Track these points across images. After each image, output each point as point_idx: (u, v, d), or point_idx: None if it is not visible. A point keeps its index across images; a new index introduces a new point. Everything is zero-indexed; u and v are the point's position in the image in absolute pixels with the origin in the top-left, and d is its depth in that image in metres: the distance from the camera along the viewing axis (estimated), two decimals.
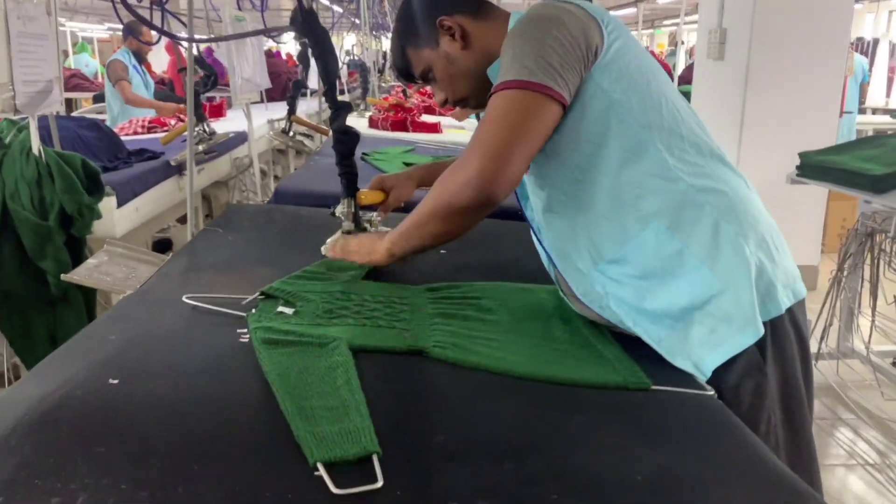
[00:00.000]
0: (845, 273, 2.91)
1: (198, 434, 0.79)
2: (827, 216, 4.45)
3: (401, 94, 5.95)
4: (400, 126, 4.14)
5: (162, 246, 4.44)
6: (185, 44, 2.83)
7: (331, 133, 1.49)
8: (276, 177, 5.45)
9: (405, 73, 1.31)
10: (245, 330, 1.08)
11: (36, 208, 1.64)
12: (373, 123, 4.26)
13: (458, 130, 4.36)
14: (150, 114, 4.61)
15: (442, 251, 1.62)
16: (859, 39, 13.70)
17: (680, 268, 1.06)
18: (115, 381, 0.89)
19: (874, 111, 7.25)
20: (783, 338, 1.07)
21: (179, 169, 2.82)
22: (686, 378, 1.03)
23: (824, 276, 3.63)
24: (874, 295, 2.83)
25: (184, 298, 1.16)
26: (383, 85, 7.82)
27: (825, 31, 3.83)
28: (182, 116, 4.37)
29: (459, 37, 1.22)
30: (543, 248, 1.22)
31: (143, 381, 0.90)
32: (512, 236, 1.72)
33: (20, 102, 1.50)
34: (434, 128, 4.26)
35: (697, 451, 0.83)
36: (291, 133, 3.16)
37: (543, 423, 0.88)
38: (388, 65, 10.67)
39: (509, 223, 1.86)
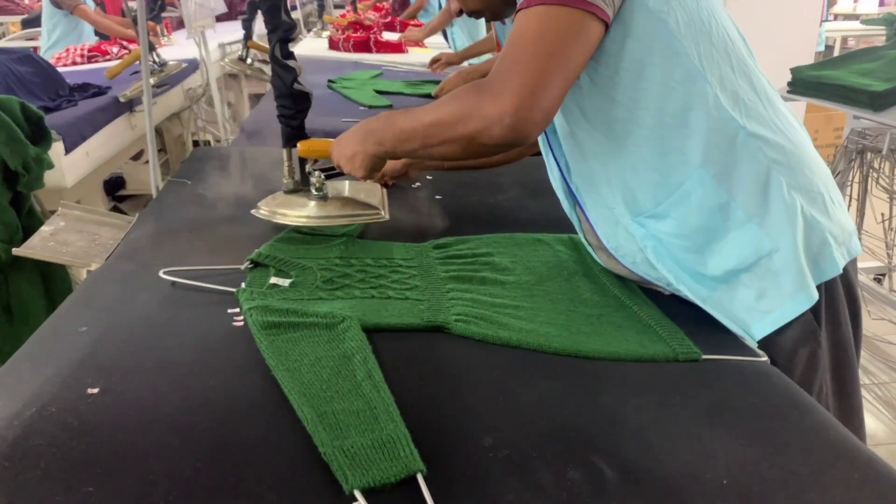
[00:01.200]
0: None
1: (204, 458, 0.66)
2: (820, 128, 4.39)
3: (350, 8, 5.61)
4: (363, 47, 3.90)
5: (115, 185, 4.19)
6: None
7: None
8: (228, 103, 5.15)
9: None
10: (237, 310, 0.95)
11: None
12: (333, 45, 4.01)
13: (421, 50, 4.14)
14: (87, 41, 4.26)
15: (437, 196, 1.49)
16: None
17: (725, 223, 0.94)
18: (95, 391, 0.76)
19: (836, 17, 7.13)
20: (837, 301, 0.98)
21: (130, 106, 2.57)
22: (733, 341, 0.94)
23: None
24: (861, 213, 2.79)
25: (160, 273, 1.02)
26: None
27: None
28: (124, 43, 4.03)
29: None
30: (571, 191, 1.08)
31: (126, 388, 0.77)
32: (511, 174, 1.58)
33: None
34: (398, 47, 4.02)
35: (774, 438, 0.74)
36: (249, 60, 2.92)
37: (595, 410, 0.78)
38: None
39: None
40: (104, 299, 0.98)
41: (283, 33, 1.15)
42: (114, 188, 4.14)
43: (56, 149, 1.90)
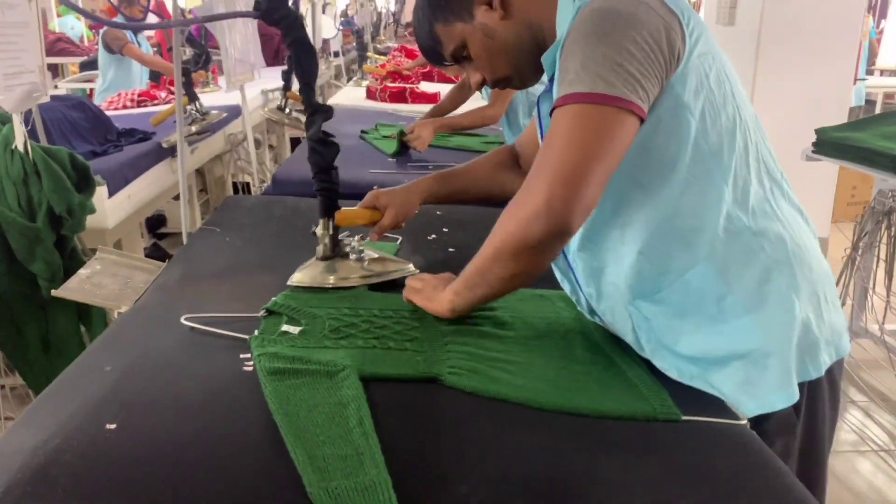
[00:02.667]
0: (860, 252, 2.86)
1: (208, 491, 0.74)
2: (837, 185, 4.38)
3: (398, 61, 5.81)
4: (399, 97, 4.04)
5: (157, 222, 4.38)
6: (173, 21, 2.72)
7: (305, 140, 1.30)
8: (270, 146, 5.36)
9: (434, 53, 1.17)
10: (249, 355, 1.03)
11: (23, 208, 1.57)
12: (370, 94, 4.16)
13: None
14: (139, 86, 4.52)
15: (451, 249, 1.57)
16: None
17: (721, 314, 0.98)
18: (113, 426, 0.84)
19: (882, 72, 7.10)
20: (818, 399, 1.02)
21: (172, 151, 2.74)
22: (715, 404, 0.99)
23: (833, 247, 3.58)
24: (889, 274, 2.79)
25: (182, 320, 1.11)
26: (378, 46, 7.66)
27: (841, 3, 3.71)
28: (172, 88, 4.26)
29: (499, 4, 1.08)
30: (567, 262, 1.14)
31: (142, 424, 0.86)
32: None
33: (2, 100, 1.42)
34: (434, 99, 4.15)
35: (745, 500, 0.78)
36: (287, 110, 3.07)
37: (571, 463, 0.83)
38: (383, 25, 10.45)
39: None
40: (129, 341, 1.07)
41: (322, 115, 1.27)
42: (156, 225, 4.34)
43: (100, 192, 2.04)
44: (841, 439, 2.59)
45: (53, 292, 1.27)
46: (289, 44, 1.20)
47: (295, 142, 5.48)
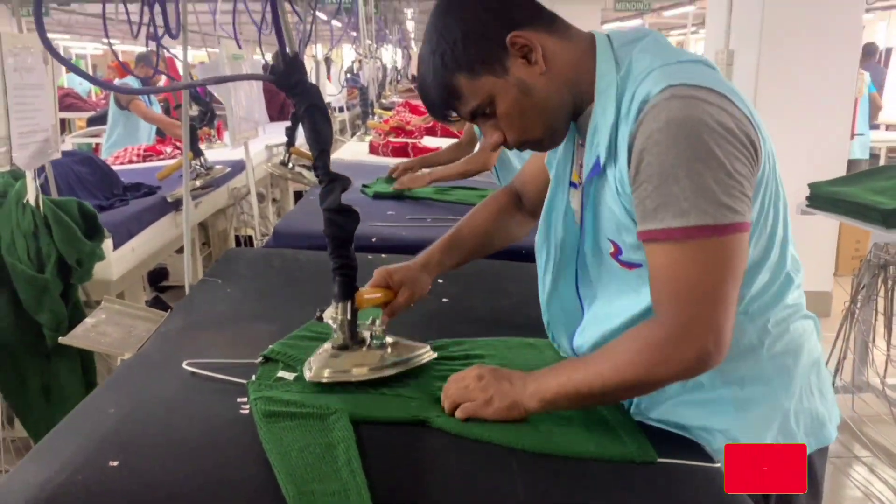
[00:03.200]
0: (858, 305, 2.93)
1: None
2: (840, 238, 4.47)
3: (402, 116, 5.99)
4: (401, 152, 4.16)
5: (158, 276, 4.48)
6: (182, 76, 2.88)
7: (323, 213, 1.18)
8: (274, 199, 5.50)
9: (443, 107, 1.06)
10: (245, 399, 1.10)
11: (32, 260, 1.67)
12: (373, 149, 4.29)
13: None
14: (146, 141, 4.69)
15: (444, 299, 1.65)
16: (870, 45, 13.81)
17: (713, 403, 1.06)
18: (115, 464, 0.91)
19: (887, 127, 7.25)
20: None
21: (176, 205, 2.85)
22: (691, 447, 1.05)
23: (837, 301, 3.64)
24: (888, 328, 2.85)
25: (183, 365, 1.19)
26: (384, 101, 7.88)
27: (834, 54, 3.87)
28: (178, 144, 4.42)
29: (540, 58, 1.01)
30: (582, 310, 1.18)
31: (143, 462, 0.93)
32: (517, 278, 1.73)
33: (17, 157, 1.53)
34: None
35: None
36: (290, 164, 3.20)
37: (552, 502, 0.90)
38: (389, 80, 10.75)
39: (513, 264, 1.88)
40: (132, 385, 1.15)
41: (339, 185, 1.17)
42: (157, 278, 4.43)
43: (105, 245, 2.14)
44: (846, 496, 2.60)
45: (61, 339, 1.35)
46: (303, 110, 1.15)
47: (298, 195, 5.62)
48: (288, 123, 3.20)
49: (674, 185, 0.90)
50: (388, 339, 1.23)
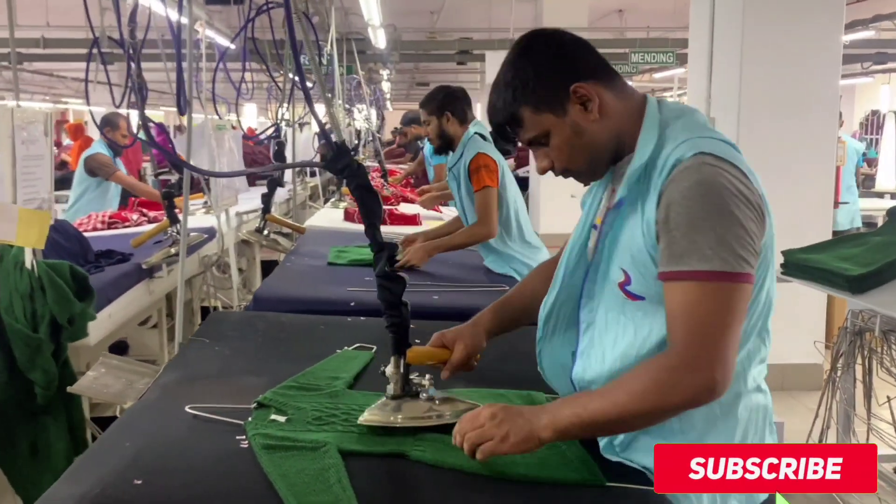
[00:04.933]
0: (838, 373, 3.25)
1: None
2: (832, 309, 4.83)
3: (379, 181, 6.37)
4: None
5: (117, 349, 4.71)
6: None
7: (374, 276, 1.46)
8: (241, 269, 5.79)
9: (507, 132, 1.38)
10: (244, 437, 1.39)
11: (28, 320, 1.95)
12: (348, 216, 4.63)
13: (438, 222, 4.75)
14: (111, 208, 4.99)
15: None
16: (874, 113, 14.59)
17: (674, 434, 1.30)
18: (140, 482, 1.19)
19: (882, 195, 7.74)
20: None
21: (150, 272, 3.14)
22: (638, 474, 1.34)
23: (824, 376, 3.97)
24: (867, 395, 3.16)
25: (186, 408, 1.47)
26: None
27: (813, 122, 4.31)
28: (144, 210, 4.73)
29: (596, 109, 1.32)
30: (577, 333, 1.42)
31: (163, 481, 1.21)
32: (513, 339, 2.01)
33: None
34: (413, 220, 4.63)
35: None
36: (266, 231, 3.51)
37: None
38: (362, 143, 11.21)
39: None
40: (141, 425, 1.43)
41: (388, 252, 1.45)
42: (117, 352, 4.67)
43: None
44: None
45: (69, 388, 1.63)
46: (353, 189, 1.46)
47: (266, 265, 5.91)
48: (264, 191, 3.54)
49: (700, 235, 1.19)
50: (439, 394, 1.47)
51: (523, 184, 11.52)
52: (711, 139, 1.28)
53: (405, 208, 5.03)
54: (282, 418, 1.47)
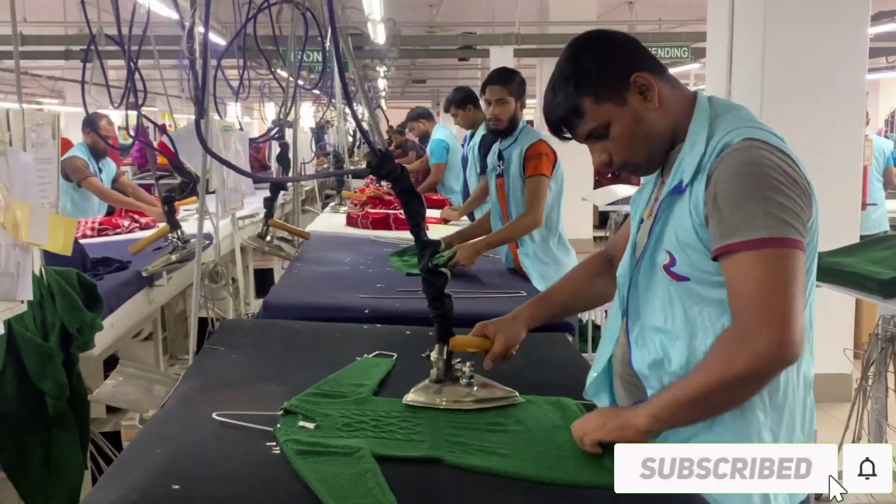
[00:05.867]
0: (870, 382, 3.33)
1: None
2: (860, 317, 4.91)
3: (379, 186, 6.44)
4: (382, 224, 4.58)
5: (107, 364, 4.78)
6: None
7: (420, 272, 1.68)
8: (233, 279, 5.85)
9: (563, 124, 1.49)
10: (274, 443, 1.46)
11: (38, 328, 2.02)
12: (351, 221, 4.70)
13: (442, 227, 4.82)
14: (97, 215, 5.06)
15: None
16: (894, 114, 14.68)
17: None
18: (177, 487, 1.27)
19: None
20: None
21: (150, 280, 3.22)
22: None
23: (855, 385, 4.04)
24: None
25: (214, 415, 1.54)
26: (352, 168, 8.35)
27: (839, 120, 4.39)
28: (135, 217, 4.81)
29: (655, 97, 1.45)
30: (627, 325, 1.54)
31: (200, 487, 1.28)
32: (537, 345, 2.09)
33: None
34: None
35: None
36: (269, 237, 3.58)
37: None
38: (357, 145, 11.30)
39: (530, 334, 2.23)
40: (169, 433, 1.50)
41: (431, 250, 1.67)
42: (110, 366, 4.74)
43: None
44: None
45: (90, 397, 1.70)
46: (398, 192, 1.65)
47: (260, 273, 5.97)
48: (266, 195, 3.61)
49: (748, 208, 1.32)
50: (479, 381, 1.69)
51: None
52: (760, 129, 1.40)
53: None
54: (310, 425, 1.54)
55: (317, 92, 6.72)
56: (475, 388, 1.68)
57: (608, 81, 1.45)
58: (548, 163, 3.27)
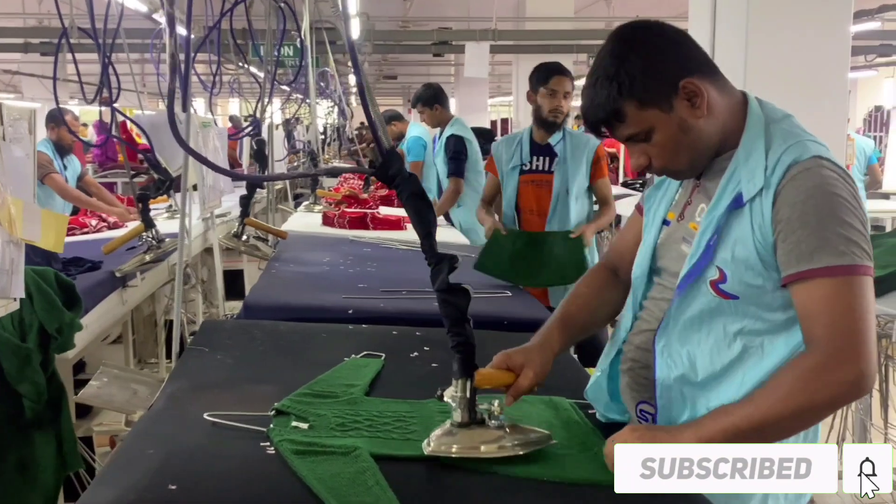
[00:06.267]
0: None
1: None
2: None
3: (353, 184, 6.45)
4: (359, 223, 4.59)
5: (75, 368, 4.75)
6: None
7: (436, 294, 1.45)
8: (202, 281, 5.83)
9: (601, 124, 1.44)
10: (268, 444, 1.48)
11: (16, 328, 2.02)
12: (327, 221, 4.71)
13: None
14: (62, 212, 5.03)
15: (433, 364, 2.04)
16: (878, 109, 14.97)
17: None
18: (174, 487, 1.29)
19: (888, 196, 7.94)
20: None
21: (123, 281, 3.21)
22: None
23: None
24: (885, 405, 3.32)
25: (205, 416, 1.56)
26: (323, 165, 8.34)
27: (821, 119, 4.46)
28: (103, 216, 4.79)
29: (704, 105, 1.40)
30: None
31: (197, 486, 1.30)
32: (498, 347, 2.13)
33: None
34: (397, 224, 4.72)
35: None
36: (245, 237, 3.59)
37: None
38: (327, 142, 11.27)
39: (512, 335, 2.27)
40: (161, 434, 1.52)
41: (447, 264, 1.43)
42: (76, 370, 4.71)
43: None
44: None
45: (76, 398, 1.71)
46: (406, 198, 1.44)
47: (230, 275, 5.96)
48: (243, 192, 3.62)
49: (830, 233, 1.31)
50: (507, 422, 1.47)
51: None
52: (819, 144, 1.41)
53: (386, 211, 5.13)
54: (304, 425, 1.57)
55: (285, 88, 6.71)
56: (507, 430, 1.46)
57: (655, 86, 1.39)
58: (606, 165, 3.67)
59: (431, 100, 5.41)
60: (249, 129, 3.77)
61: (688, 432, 1.37)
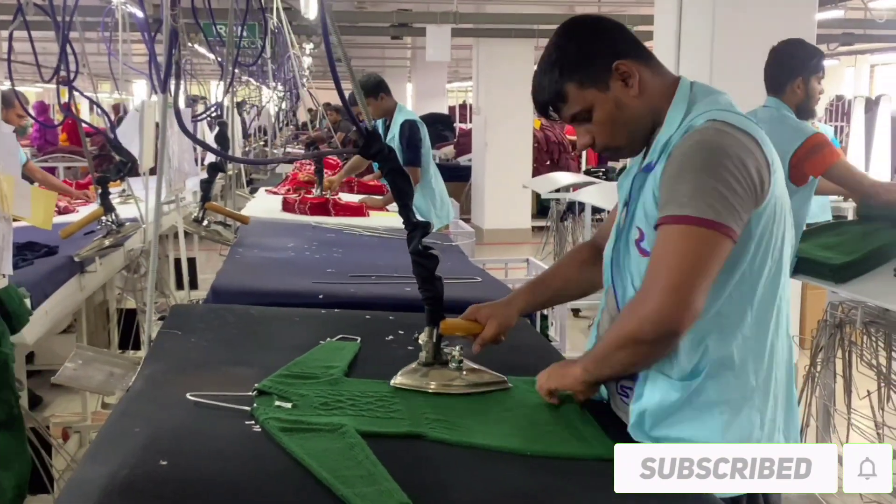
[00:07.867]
0: (818, 368, 3.55)
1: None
2: (804, 306, 5.18)
3: (309, 170, 6.45)
4: (320, 210, 4.61)
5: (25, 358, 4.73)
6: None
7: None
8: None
9: (548, 107, 1.62)
10: (253, 422, 1.54)
11: None
12: (287, 206, 4.72)
13: (384, 214, 4.90)
14: None
15: (409, 347, 2.11)
16: (839, 98, 15.29)
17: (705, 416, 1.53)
18: (165, 463, 1.34)
19: None
20: None
21: (81, 266, 3.22)
22: None
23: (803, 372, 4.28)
24: (848, 391, 3.47)
25: (188, 396, 1.61)
26: (275, 151, 8.33)
27: None
28: (71, 201, 4.76)
29: (636, 84, 1.58)
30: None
31: (188, 462, 1.36)
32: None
33: None
34: (359, 210, 4.77)
35: None
36: (206, 221, 3.61)
37: (531, 485, 1.38)
38: (279, 127, 11.24)
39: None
40: (144, 414, 1.57)
41: (421, 231, 1.74)
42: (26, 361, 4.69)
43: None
44: None
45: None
46: (386, 172, 1.74)
47: (179, 262, 5.94)
48: (203, 176, 3.64)
49: (680, 185, 1.46)
50: (471, 365, 1.78)
51: (464, 173, 11.77)
52: (732, 113, 1.53)
53: (347, 197, 5.18)
54: (287, 405, 1.63)
55: (236, 71, 6.67)
56: (464, 373, 1.76)
57: (591, 68, 1.58)
58: None
59: (375, 89, 5.30)
60: (214, 110, 3.79)
61: (579, 362, 1.61)
